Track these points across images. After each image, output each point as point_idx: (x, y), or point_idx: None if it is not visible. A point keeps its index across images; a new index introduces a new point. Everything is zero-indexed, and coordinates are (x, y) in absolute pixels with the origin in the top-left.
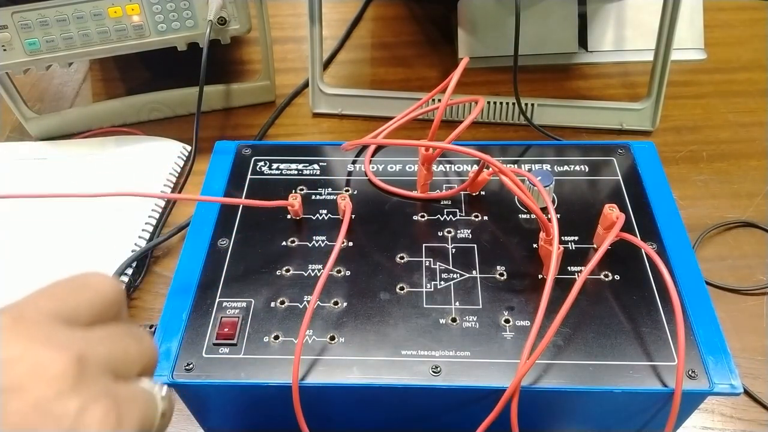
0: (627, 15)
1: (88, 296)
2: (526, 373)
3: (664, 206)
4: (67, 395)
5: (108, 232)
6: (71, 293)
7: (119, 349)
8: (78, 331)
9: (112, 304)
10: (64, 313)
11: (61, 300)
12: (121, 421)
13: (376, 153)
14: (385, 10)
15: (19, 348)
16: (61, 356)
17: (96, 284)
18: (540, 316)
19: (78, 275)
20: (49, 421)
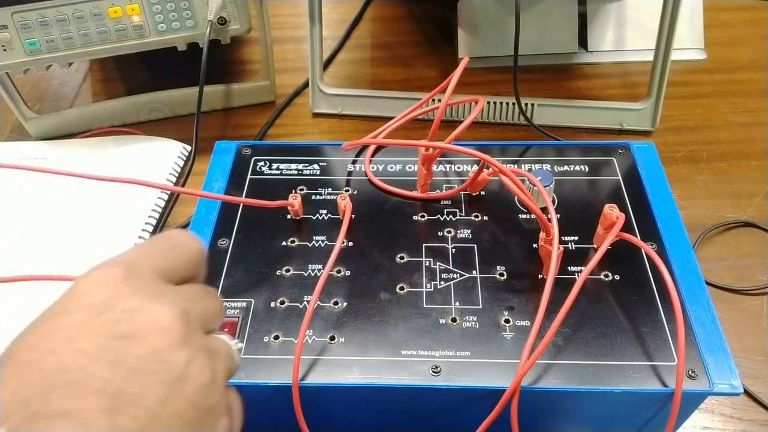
0: (627, 15)
1: (181, 256)
2: (526, 373)
3: (664, 206)
4: (177, 347)
5: (108, 231)
6: (169, 253)
7: (205, 306)
8: (175, 288)
9: (198, 263)
10: (165, 271)
11: (162, 258)
12: (215, 372)
13: (376, 153)
14: (385, 10)
15: (136, 301)
16: (169, 311)
17: (187, 245)
18: (540, 316)
19: (170, 234)
20: (162, 369)
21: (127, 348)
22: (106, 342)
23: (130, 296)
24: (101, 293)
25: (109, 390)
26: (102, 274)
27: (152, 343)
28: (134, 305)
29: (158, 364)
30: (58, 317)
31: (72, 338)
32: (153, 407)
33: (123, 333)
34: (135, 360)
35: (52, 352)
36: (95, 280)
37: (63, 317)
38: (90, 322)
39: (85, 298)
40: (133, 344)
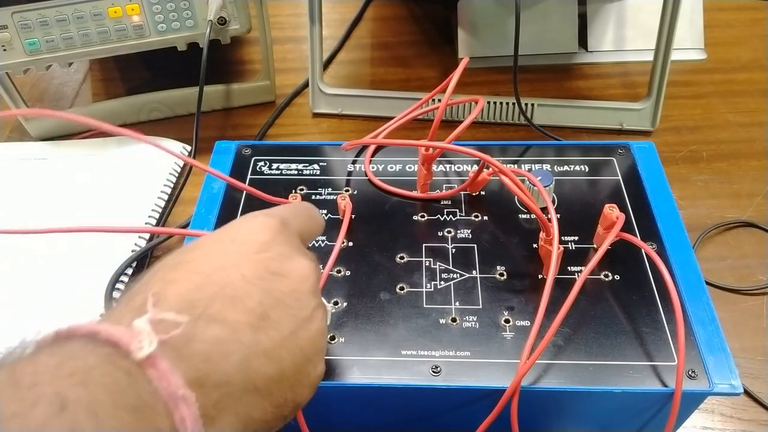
0: (627, 15)
1: (314, 226)
2: (526, 373)
3: (664, 206)
4: (311, 293)
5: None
6: (308, 221)
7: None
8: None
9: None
10: (302, 234)
11: (303, 223)
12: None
13: (376, 153)
14: (385, 10)
15: (287, 249)
16: (309, 264)
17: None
18: (540, 316)
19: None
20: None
21: (277, 282)
22: (264, 273)
23: (284, 243)
24: (264, 235)
25: (258, 311)
26: (264, 222)
27: (295, 285)
28: (286, 251)
29: (296, 302)
30: (229, 243)
31: (238, 263)
32: (284, 334)
33: (276, 270)
34: (280, 293)
35: (222, 269)
36: (260, 224)
37: (233, 245)
38: (254, 255)
39: (253, 235)
40: (281, 281)
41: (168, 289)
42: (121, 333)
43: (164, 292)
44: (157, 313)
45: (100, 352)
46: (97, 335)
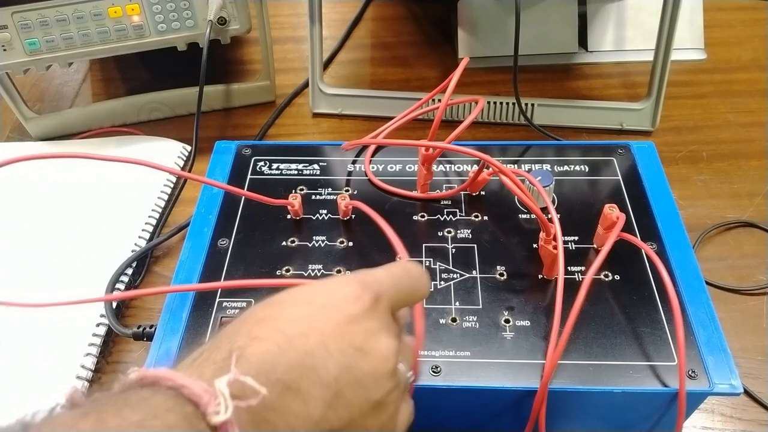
0: (627, 15)
1: (413, 300)
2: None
3: (664, 206)
4: (388, 376)
5: (108, 231)
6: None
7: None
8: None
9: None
10: (396, 305)
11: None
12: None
13: (376, 153)
14: (385, 10)
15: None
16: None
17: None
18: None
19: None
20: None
21: (358, 359)
22: (346, 347)
23: (373, 319)
24: (356, 307)
25: (334, 387)
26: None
27: (375, 364)
28: (374, 327)
29: (372, 382)
30: (319, 307)
31: (324, 331)
32: (354, 415)
33: (360, 346)
34: (359, 372)
35: (305, 335)
36: (354, 294)
37: (322, 311)
38: (342, 326)
39: (345, 305)
40: (362, 358)
41: (251, 347)
42: (202, 392)
43: (247, 349)
44: (238, 374)
45: (181, 411)
46: (181, 390)
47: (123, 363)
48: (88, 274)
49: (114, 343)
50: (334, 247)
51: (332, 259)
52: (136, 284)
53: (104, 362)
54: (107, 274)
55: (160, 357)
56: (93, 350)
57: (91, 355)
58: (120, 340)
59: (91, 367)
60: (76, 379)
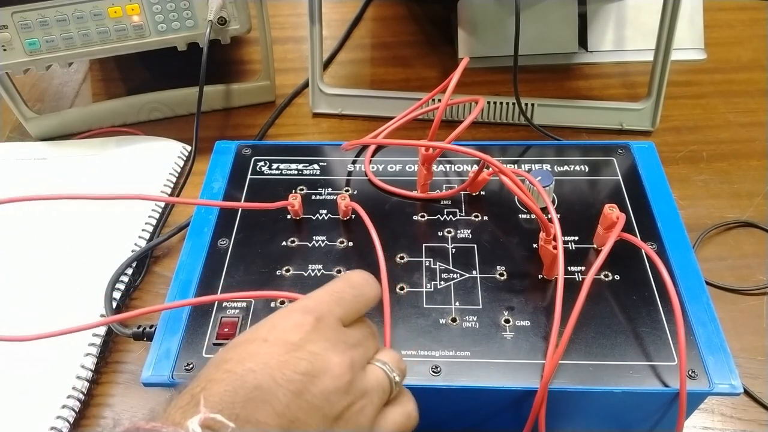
0: (627, 15)
1: (361, 305)
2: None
3: (664, 206)
4: (342, 392)
5: (108, 232)
6: (353, 302)
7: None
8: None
9: (369, 308)
10: (345, 318)
11: (346, 307)
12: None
13: (376, 153)
14: (385, 10)
15: (320, 346)
16: (341, 361)
17: (370, 296)
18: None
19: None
20: (327, 406)
21: (306, 383)
22: (292, 375)
23: (316, 342)
24: (296, 334)
25: (288, 414)
26: (298, 320)
27: (325, 385)
28: (318, 350)
29: (325, 402)
30: (262, 343)
31: (268, 364)
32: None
33: (305, 370)
34: (309, 395)
35: (252, 371)
36: (292, 323)
37: (265, 345)
38: (284, 355)
39: (285, 334)
40: (310, 381)
41: (210, 388)
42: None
43: (207, 389)
44: (207, 413)
45: None
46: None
47: (123, 363)
48: (89, 274)
49: (114, 343)
50: (334, 247)
51: (332, 259)
52: (136, 284)
53: (104, 362)
54: (107, 274)
55: (160, 357)
56: (93, 350)
57: (91, 355)
58: (120, 340)
59: (91, 367)
60: (76, 379)
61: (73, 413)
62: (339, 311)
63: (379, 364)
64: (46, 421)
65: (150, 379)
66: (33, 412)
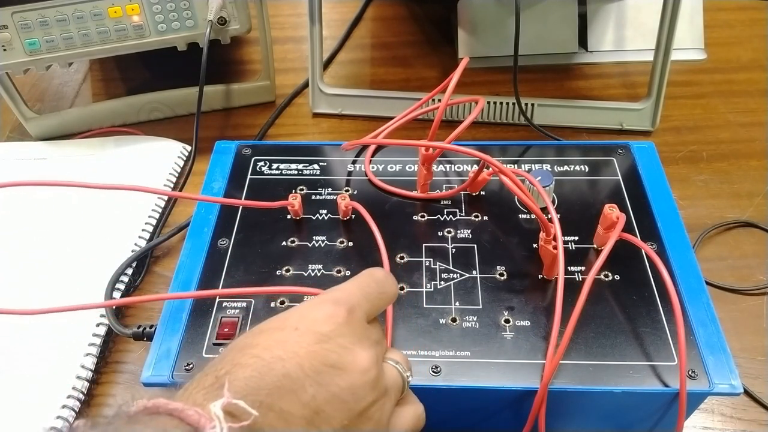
0: (627, 15)
1: (384, 302)
2: (553, 373)
3: (664, 206)
4: (368, 387)
5: (108, 232)
6: (378, 299)
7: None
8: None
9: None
10: (370, 314)
11: (373, 303)
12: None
13: (376, 153)
14: (385, 10)
15: (348, 340)
16: (369, 356)
17: (391, 293)
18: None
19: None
20: (353, 401)
21: (333, 376)
22: (321, 366)
23: (346, 335)
24: (327, 326)
25: (313, 405)
26: (330, 311)
27: (352, 379)
28: (347, 343)
29: (351, 396)
30: (292, 331)
31: (297, 353)
32: (337, 428)
33: (334, 363)
34: (336, 387)
35: (281, 359)
36: (324, 314)
37: (295, 334)
38: (314, 345)
39: (316, 325)
40: (338, 374)
41: (234, 373)
42: (199, 415)
43: (231, 374)
44: (230, 398)
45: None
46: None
47: (123, 363)
48: (89, 274)
49: (114, 343)
50: (334, 247)
51: (332, 259)
52: (136, 284)
53: (104, 362)
54: (107, 274)
55: (160, 357)
56: (93, 350)
57: (91, 355)
58: (120, 340)
59: (91, 367)
60: (76, 379)
61: (73, 413)
62: (366, 306)
63: (393, 363)
64: (46, 421)
65: (150, 379)
66: (33, 412)
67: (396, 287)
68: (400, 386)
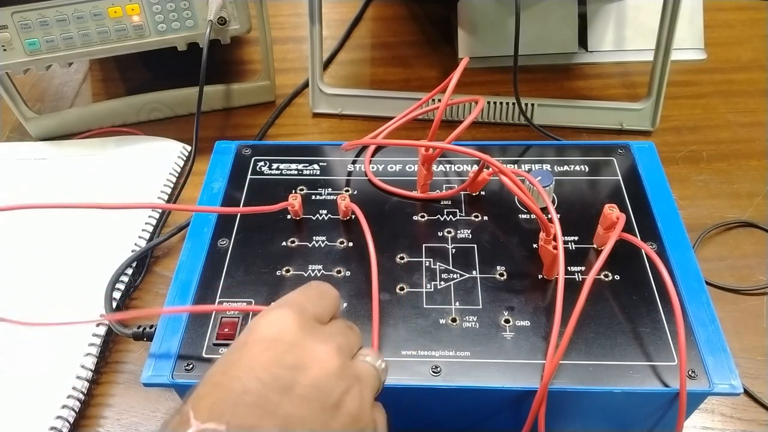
0: (627, 15)
1: (327, 301)
2: (553, 374)
3: (664, 206)
4: (335, 378)
5: (108, 232)
6: (319, 298)
7: (349, 338)
8: (326, 326)
9: (337, 306)
10: (317, 314)
11: (316, 304)
12: (363, 397)
13: (376, 153)
14: (385, 10)
15: (301, 337)
16: (327, 347)
17: (331, 293)
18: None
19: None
20: (322, 396)
21: (295, 376)
22: (278, 371)
23: (297, 333)
24: (273, 329)
25: (281, 412)
26: (276, 316)
27: (315, 373)
28: (300, 341)
29: (318, 391)
30: (242, 347)
31: (252, 368)
32: (315, 425)
33: (291, 363)
34: (300, 388)
35: (238, 378)
36: (269, 320)
37: (245, 348)
38: (265, 353)
39: (263, 333)
40: (299, 373)
41: (198, 404)
42: None
43: (196, 406)
44: (199, 425)
45: None
46: None
47: (123, 363)
48: (89, 274)
49: (114, 343)
50: (334, 247)
51: (332, 259)
52: (136, 284)
53: (104, 362)
54: (107, 274)
55: (160, 357)
56: (93, 350)
57: (91, 355)
58: (120, 340)
59: (91, 367)
60: (76, 379)
61: (73, 413)
62: (311, 307)
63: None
64: (46, 421)
65: (150, 380)
66: (33, 412)
67: (334, 289)
68: (374, 375)
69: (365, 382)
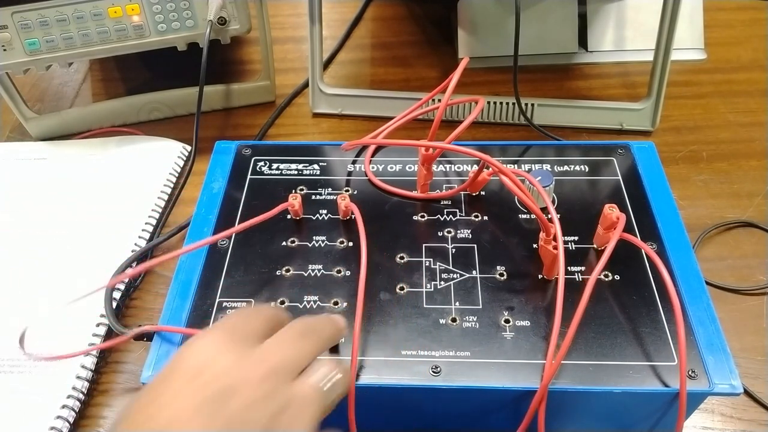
0: (627, 15)
1: (261, 320)
2: (553, 375)
3: (664, 206)
4: (264, 402)
5: (108, 231)
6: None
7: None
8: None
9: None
10: (254, 332)
11: (249, 323)
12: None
13: (376, 153)
14: (385, 10)
15: (230, 363)
16: (257, 371)
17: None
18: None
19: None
20: (251, 422)
21: (221, 404)
22: (203, 400)
23: (223, 358)
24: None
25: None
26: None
27: (242, 400)
28: (223, 366)
29: (247, 418)
30: (169, 377)
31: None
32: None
33: (217, 390)
34: (229, 412)
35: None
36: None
37: (171, 379)
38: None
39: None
40: (226, 400)
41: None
42: None
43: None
44: None
45: None
46: None
47: (123, 363)
48: (89, 273)
49: None
50: (334, 247)
51: (332, 259)
52: (136, 284)
53: (104, 362)
54: (107, 274)
55: (160, 357)
56: (93, 350)
57: (91, 355)
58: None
59: (91, 367)
60: (76, 379)
61: (73, 413)
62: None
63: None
64: (46, 421)
65: (150, 380)
66: (33, 412)
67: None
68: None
69: (302, 405)
